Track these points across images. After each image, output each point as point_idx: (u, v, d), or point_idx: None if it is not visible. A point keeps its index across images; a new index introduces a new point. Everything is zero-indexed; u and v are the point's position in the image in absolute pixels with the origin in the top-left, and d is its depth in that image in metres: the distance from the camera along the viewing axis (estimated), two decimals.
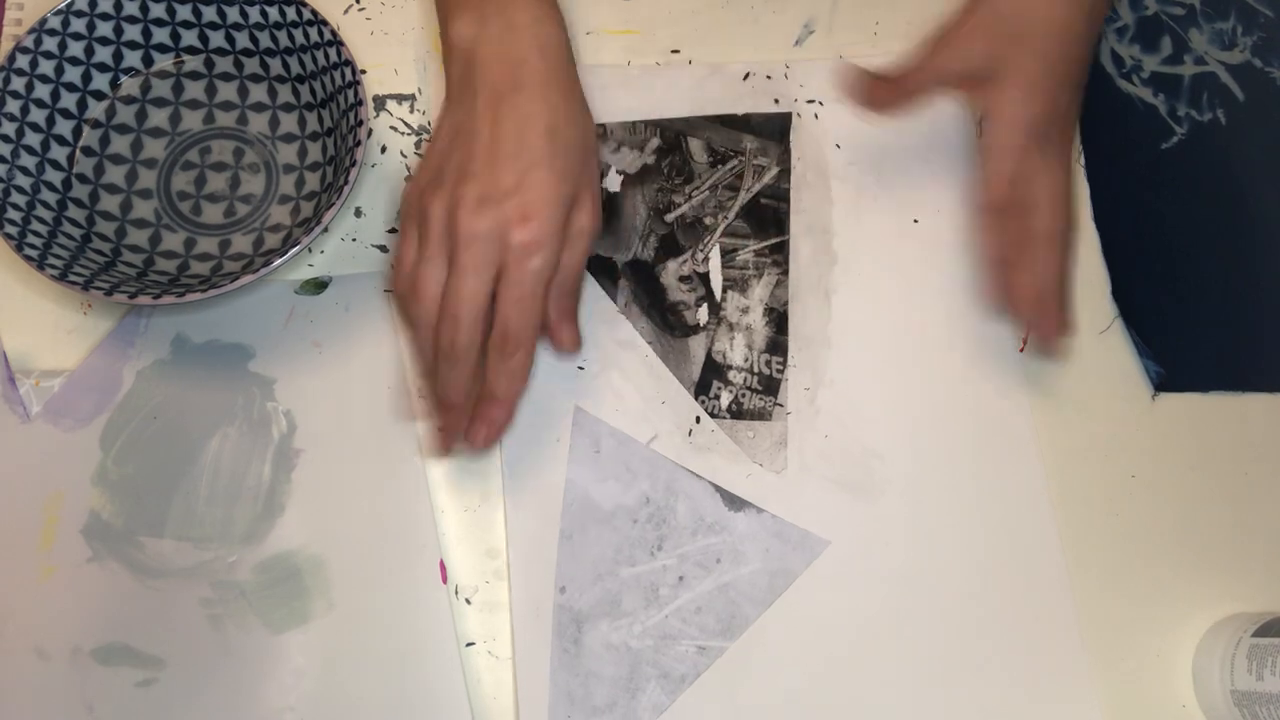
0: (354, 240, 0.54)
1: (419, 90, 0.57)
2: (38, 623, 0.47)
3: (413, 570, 0.48)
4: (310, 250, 0.53)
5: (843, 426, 0.52)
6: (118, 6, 0.53)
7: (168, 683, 0.46)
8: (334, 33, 0.52)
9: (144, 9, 0.53)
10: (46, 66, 0.52)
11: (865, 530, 0.50)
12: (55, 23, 0.52)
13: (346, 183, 0.49)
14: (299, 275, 0.53)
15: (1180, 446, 0.54)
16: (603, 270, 0.54)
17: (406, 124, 0.56)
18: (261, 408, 0.50)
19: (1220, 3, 0.63)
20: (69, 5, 0.52)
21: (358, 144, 0.50)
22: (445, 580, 0.48)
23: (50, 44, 0.52)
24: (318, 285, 0.53)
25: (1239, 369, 0.55)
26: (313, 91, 0.54)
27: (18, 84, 0.51)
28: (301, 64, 0.54)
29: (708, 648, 0.48)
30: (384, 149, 0.55)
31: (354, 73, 0.51)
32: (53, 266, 0.48)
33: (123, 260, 0.52)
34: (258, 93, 0.55)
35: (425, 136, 0.56)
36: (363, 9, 0.58)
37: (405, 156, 0.55)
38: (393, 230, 0.54)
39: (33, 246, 0.48)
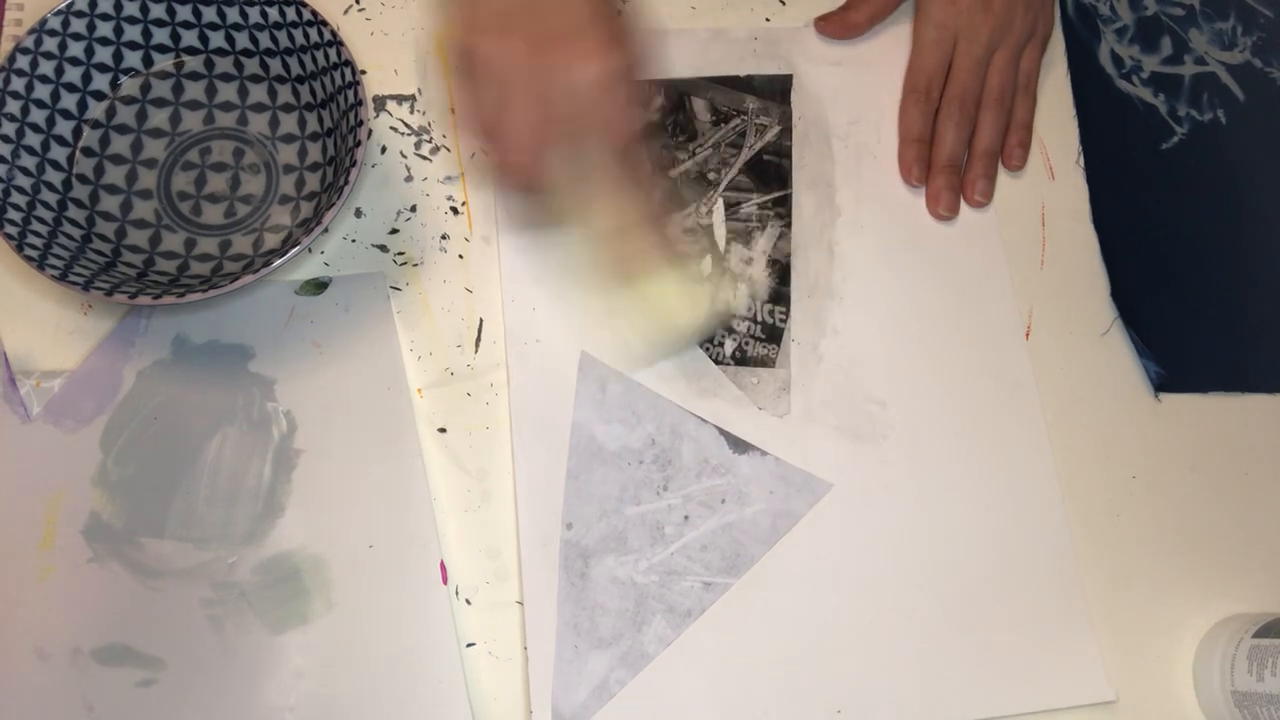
0: (354, 240, 0.54)
1: (419, 90, 0.57)
2: (38, 623, 0.47)
3: (413, 570, 0.48)
4: (310, 251, 0.53)
5: (845, 373, 0.53)
6: (118, 7, 0.53)
7: (168, 683, 0.46)
8: (334, 33, 0.52)
9: (144, 9, 0.53)
10: (47, 67, 0.52)
11: (867, 474, 0.51)
12: (55, 23, 0.52)
13: (346, 183, 0.49)
14: (299, 275, 0.53)
15: (1181, 447, 0.54)
16: None
17: (406, 124, 0.56)
18: (261, 408, 0.50)
19: (1220, 3, 0.63)
20: (69, 6, 0.52)
21: (358, 144, 0.50)
22: (445, 580, 0.48)
23: (50, 44, 0.52)
24: (318, 285, 0.53)
25: (1239, 369, 0.55)
26: (313, 92, 0.54)
27: (18, 84, 0.51)
28: (301, 64, 0.54)
29: (712, 584, 0.49)
30: (384, 149, 0.55)
31: (354, 73, 0.51)
32: (53, 267, 0.48)
33: (123, 261, 0.52)
34: (258, 93, 0.55)
35: (425, 137, 0.56)
36: (363, 9, 0.58)
37: (405, 157, 0.55)
38: (394, 231, 0.54)
39: (33, 247, 0.48)
